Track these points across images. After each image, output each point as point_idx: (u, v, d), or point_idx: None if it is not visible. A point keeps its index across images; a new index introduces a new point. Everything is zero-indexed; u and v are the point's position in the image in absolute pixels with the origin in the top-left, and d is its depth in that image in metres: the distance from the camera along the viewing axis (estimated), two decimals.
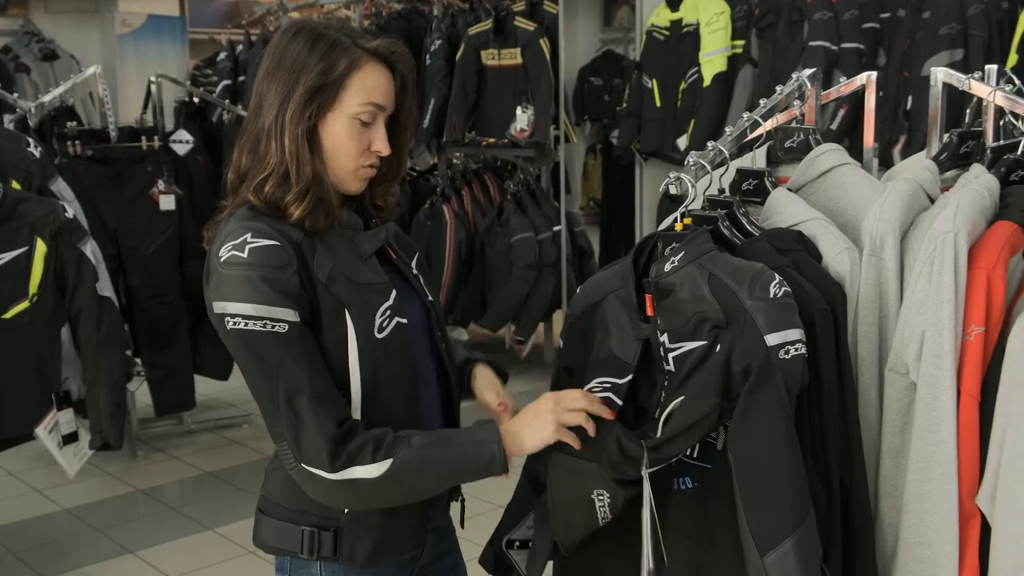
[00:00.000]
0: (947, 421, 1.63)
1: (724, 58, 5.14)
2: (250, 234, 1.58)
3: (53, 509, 4.41)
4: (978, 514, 1.64)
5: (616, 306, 1.81)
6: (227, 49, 8.01)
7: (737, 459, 1.58)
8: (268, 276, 1.57)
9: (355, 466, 1.55)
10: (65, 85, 4.91)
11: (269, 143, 1.63)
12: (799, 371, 1.57)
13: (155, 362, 4.74)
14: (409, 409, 1.72)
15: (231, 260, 1.57)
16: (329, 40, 1.63)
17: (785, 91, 2.06)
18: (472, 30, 6.02)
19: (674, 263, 1.69)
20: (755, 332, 1.57)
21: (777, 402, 1.55)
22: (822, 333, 1.63)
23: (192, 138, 4.85)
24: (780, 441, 1.55)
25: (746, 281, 1.61)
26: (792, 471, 1.56)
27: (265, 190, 1.63)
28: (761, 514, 1.56)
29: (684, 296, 1.67)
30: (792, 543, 1.53)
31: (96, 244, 3.40)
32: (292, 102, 1.61)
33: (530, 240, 5.80)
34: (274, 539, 1.74)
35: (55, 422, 3.29)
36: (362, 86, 1.64)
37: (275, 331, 1.56)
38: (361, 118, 1.64)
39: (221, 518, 4.23)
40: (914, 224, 1.77)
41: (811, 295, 1.65)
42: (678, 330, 1.68)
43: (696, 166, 1.92)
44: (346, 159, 1.66)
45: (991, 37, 4.33)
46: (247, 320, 1.56)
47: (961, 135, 1.95)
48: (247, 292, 1.56)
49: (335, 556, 1.70)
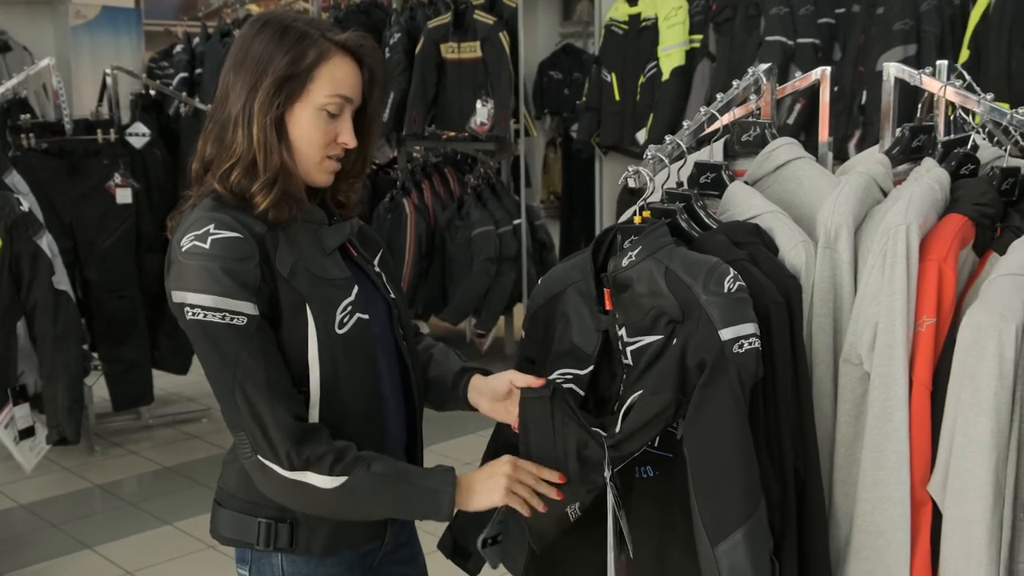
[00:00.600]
0: (900, 410, 1.67)
1: (682, 52, 5.18)
2: (213, 225, 1.58)
3: (9, 505, 4.35)
4: (930, 501, 1.68)
5: (576, 298, 1.83)
6: (184, 41, 7.94)
7: (691, 451, 1.62)
8: (229, 268, 1.57)
9: (310, 471, 1.57)
10: (18, 77, 4.83)
11: (236, 132, 1.63)
12: (753, 365, 1.60)
13: (113, 356, 4.70)
14: (369, 406, 1.72)
15: (193, 250, 1.57)
16: (298, 32, 1.63)
17: (741, 86, 2.09)
18: (431, 23, 6.01)
19: (631, 258, 1.71)
20: (709, 326, 1.60)
21: (730, 396, 1.58)
22: (777, 325, 1.66)
23: (149, 131, 4.81)
24: (732, 434, 1.59)
25: (701, 276, 1.64)
26: (743, 464, 1.59)
27: (231, 178, 1.63)
28: (713, 505, 1.60)
29: (641, 291, 1.69)
30: (742, 534, 1.57)
31: (52, 238, 3.36)
32: (260, 91, 1.61)
33: (491, 233, 5.81)
34: (231, 531, 1.75)
35: (11, 417, 3.26)
36: (330, 78, 1.64)
37: (233, 323, 1.57)
38: (328, 109, 1.65)
39: (180, 513, 4.20)
40: (867, 217, 1.81)
41: (766, 288, 1.68)
42: (636, 324, 1.71)
43: (654, 160, 1.94)
44: (312, 150, 1.66)
45: (943, 33, 4.39)
46: (206, 311, 1.56)
47: (913, 129, 1.98)
48: (207, 283, 1.56)
49: (291, 548, 1.70)
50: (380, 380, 1.75)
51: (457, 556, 1.99)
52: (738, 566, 1.57)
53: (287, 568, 1.73)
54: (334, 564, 1.75)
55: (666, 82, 5.19)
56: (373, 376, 1.73)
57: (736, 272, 1.64)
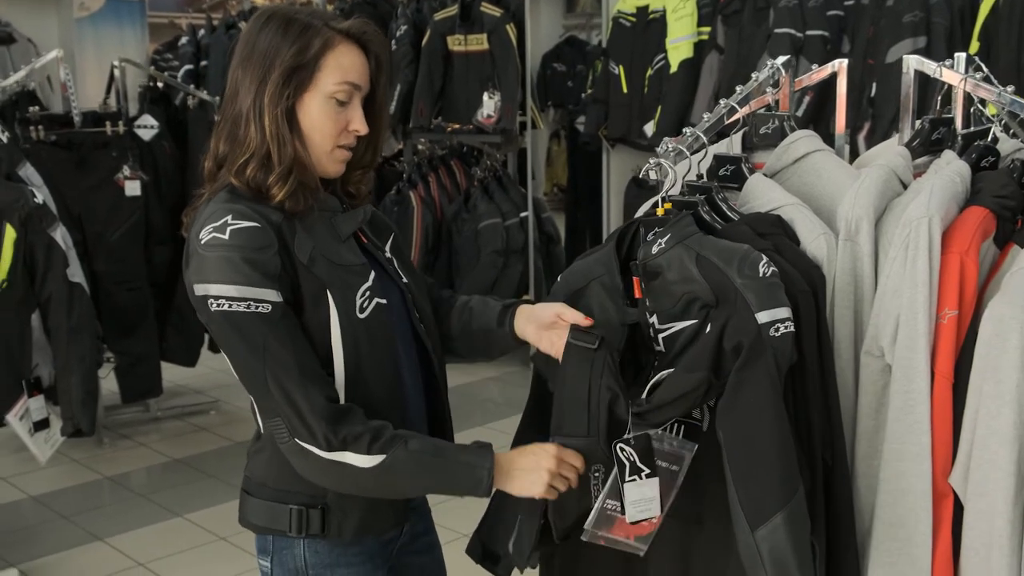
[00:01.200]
0: (921, 403, 1.67)
1: (690, 45, 5.18)
2: (231, 216, 1.60)
3: (19, 496, 4.37)
4: (951, 493, 1.68)
5: (600, 292, 1.83)
6: (188, 34, 7.94)
7: (727, 435, 1.61)
8: (250, 257, 1.58)
9: (348, 451, 1.58)
10: (26, 69, 4.84)
11: (248, 127, 1.65)
12: (788, 348, 1.60)
13: (121, 349, 4.70)
14: (391, 390, 1.73)
15: (212, 242, 1.58)
16: (301, 23, 1.65)
17: (760, 78, 2.09)
18: (438, 15, 6.01)
19: (661, 245, 1.71)
20: (746, 310, 1.60)
21: (767, 379, 1.58)
22: (805, 314, 1.66)
23: (157, 123, 4.80)
24: (770, 417, 1.58)
25: (735, 261, 1.64)
26: (782, 446, 1.58)
27: (247, 172, 1.65)
28: (751, 489, 1.59)
29: (672, 277, 1.69)
30: (782, 517, 1.56)
31: (66, 230, 3.37)
32: (269, 84, 1.63)
33: (497, 226, 5.81)
34: (261, 519, 1.75)
35: (26, 409, 3.27)
36: (337, 65, 1.65)
37: (259, 312, 1.58)
38: (337, 97, 1.66)
39: (190, 505, 4.22)
40: (888, 209, 1.81)
41: (793, 277, 1.68)
42: (667, 311, 1.71)
43: (675, 151, 1.94)
44: (324, 139, 1.68)
45: (953, 25, 4.40)
46: (231, 301, 1.57)
47: (932, 122, 1.98)
48: (229, 274, 1.57)
49: (323, 533, 1.71)
50: (400, 365, 1.76)
51: (487, 560, 1.95)
52: (779, 550, 1.56)
53: (309, 558, 1.74)
54: (356, 554, 1.76)
55: (674, 74, 5.19)
56: (394, 361, 1.74)
57: (767, 259, 1.64)
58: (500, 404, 5.29)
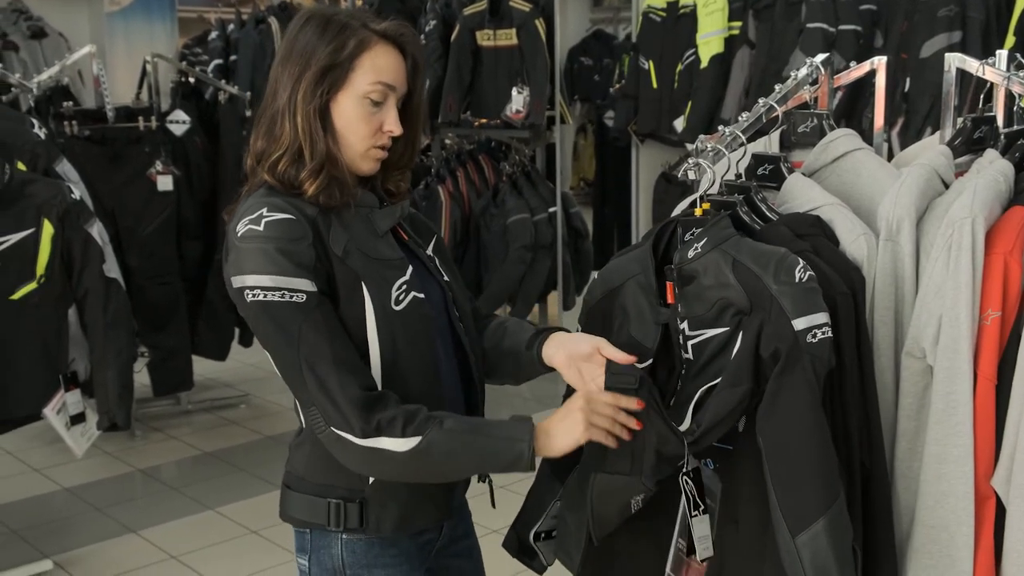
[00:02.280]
0: (964, 404, 1.66)
1: (721, 40, 5.14)
2: (265, 208, 1.63)
3: (52, 488, 4.41)
4: (993, 496, 1.67)
5: (636, 291, 1.83)
6: (218, 28, 7.96)
7: (767, 441, 1.61)
8: (284, 248, 1.60)
9: (383, 436, 1.58)
10: (59, 64, 4.87)
11: (283, 123, 1.67)
12: (826, 354, 1.59)
13: (153, 343, 4.74)
14: (428, 385, 1.74)
15: (248, 234, 1.61)
16: (339, 23, 1.67)
17: (799, 76, 2.07)
18: (467, 10, 6.00)
19: (697, 249, 1.71)
20: (782, 316, 1.59)
21: (806, 385, 1.58)
22: (844, 317, 1.66)
23: (189, 119, 4.83)
24: (810, 423, 1.58)
25: (771, 266, 1.63)
26: (822, 452, 1.58)
27: (279, 168, 1.67)
28: (792, 495, 1.58)
29: (708, 282, 1.69)
30: (824, 523, 1.56)
31: (102, 226, 3.39)
32: (304, 82, 1.65)
33: (526, 221, 5.80)
34: (302, 512, 1.76)
35: (63, 403, 3.29)
36: (372, 66, 1.67)
37: (293, 301, 1.59)
38: (372, 97, 1.67)
39: (221, 498, 4.25)
40: (929, 209, 1.80)
41: (832, 279, 1.67)
42: (699, 317, 1.71)
43: (713, 151, 1.94)
44: (357, 139, 1.69)
45: (989, 19, 4.34)
46: (266, 291, 1.59)
47: (975, 120, 1.97)
48: (264, 264, 1.59)
49: (361, 527, 1.72)
50: (438, 360, 1.77)
51: (523, 555, 1.97)
52: (820, 556, 1.56)
53: (347, 558, 1.75)
54: (393, 555, 1.76)
55: (704, 69, 5.16)
56: (431, 355, 1.75)
57: (805, 263, 1.63)
58: (528, 399, 5.29)
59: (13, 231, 3.18)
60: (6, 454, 4.70)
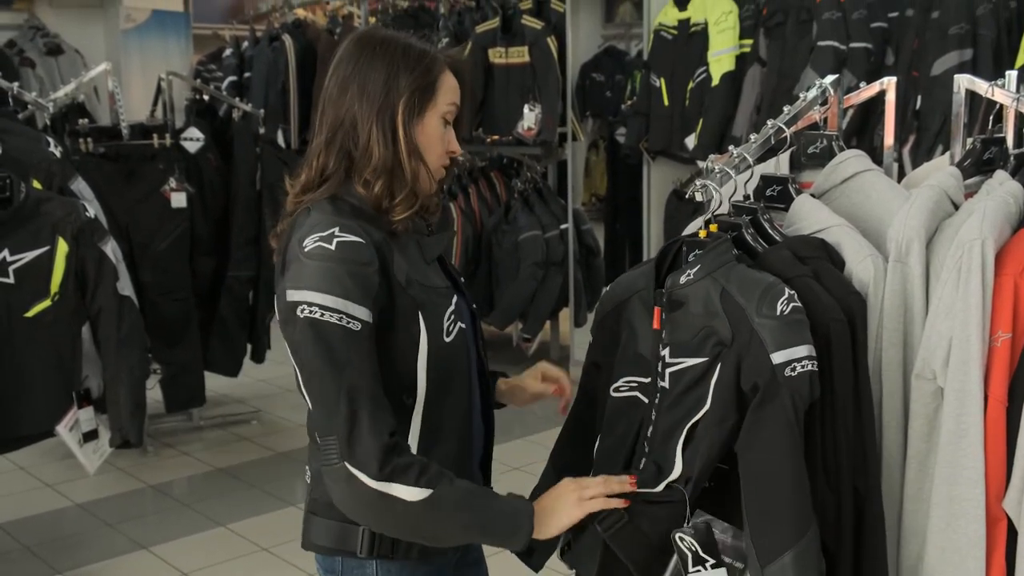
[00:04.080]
0: (975, 426, 1.66)
1: (732, 57, 5.16)
2: (338, 228, 1.61)
3: (64, 504, 4.42)
4: (1005, 518, 1.67)
5: (639, 306, 1.86)
6: (232, 45, 8.01)
7: (743, 473, 1.64)
8: (353, 271, 1.58)
9: (397, 483, 1.55)
10: (75, 82, 4.91)
11: (375, 147, 1.67)
12: (806, 388, 1.61)
13: (166, 358, 4.75)
14: (463, 415, 1.75)
15: (317, 251, 1.59)
16: (419, 50, 1.71)
17: (809, 97, 2.08)
18: (479, 28, 6.04)
19: (690, 276, 1.73)
20: (760, 350, 1.62)
21: (783, 420, 1.60)
22: (837, 344, 1.67)
23: (203, 136, 4.85)
24: (783, 459, 1.61)
25: (755, 298, 1.65)
26: (794, 489, 1.61)
27: (375, 190, 1.67)
28: (763, 528, 1.62)
29: (696, 310, 1.71)
30: (791, 557, 1.59)
31: (116, 244, 3.42)
32: (401, 104, 1.67)
33: (538, 238, 5.82)
34: (331, 540, 1.73)
35: (75, 420, 3.31)
36: (449, 87, 1.72)
37: (348, 327, 1.57)
38: (447, 117, 1.72)
39: (233, 515, 4.25)
40: (939, 230, 1.80)
41: (828, 305, 1.68)
42: (682, 344, 1.73)
43: (721, 173, 1.94)
44: (434, 157, 1.72)
45: (1000, 37, 4.35)
46: (324, 311, 1.56)
47: (984, 141, 1.97)
48: (329, 284, 1.57)
49: (392, 555, 1.71)
50: (472, 391, 1.78)
51: (521, 553, 2.00)
52: None
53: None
54: (425, 573, 1.77)
55: (716, 87, 5.17)
56: (469, 387, 1.76)
57: (792, 293, 1.65)
58: (539, 417, 5.26)
59: (28, 249, 3.20)
60: (19, 470, 4.72)
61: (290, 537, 1.82)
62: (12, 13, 8.63)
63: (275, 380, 5.79)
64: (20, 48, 8.35)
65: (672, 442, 1.72)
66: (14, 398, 3.28)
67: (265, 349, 5.17)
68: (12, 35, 8.41)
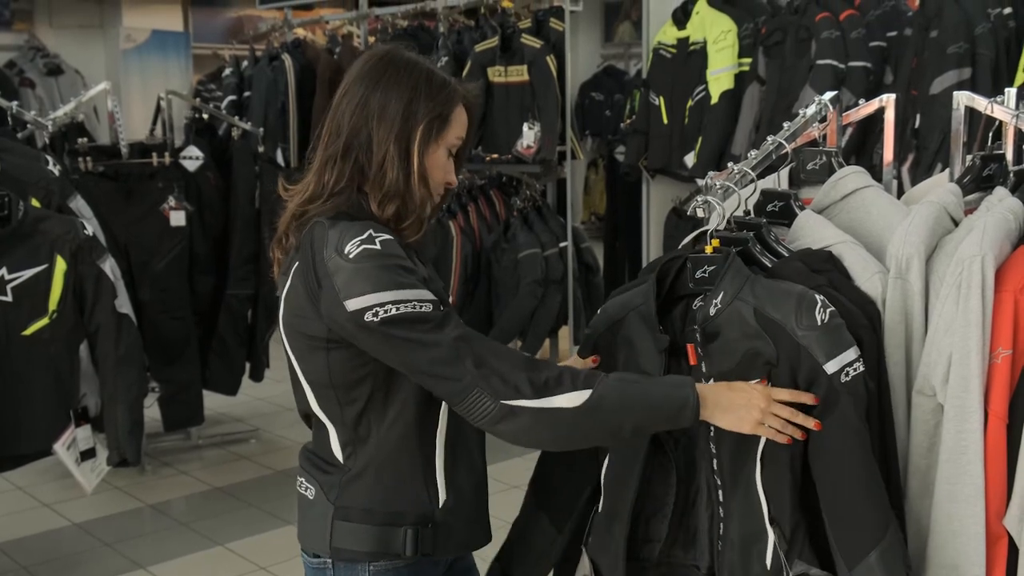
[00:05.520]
0: (975, 443, 1.65)
1: (731, 76, 5.17)
2: (372, 230, 1.64)
3: (62, 524, 4.40)
4: (1005, 535, 1.66)
5: (638, 322, 1.86)
6: (232, 65, 8.03)
7: (819, 482, 1.65)
8: (405, 264, 1.63)
9: (556, 395, 1.58)
10: (75, 101, 4.92)
11: (388, 169, 1.70)
12: (862, 388, 1.64)
13: (164, 377, 4.74)
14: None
15: (364, 254, 1.61)
16: (440, 77, 1.75)
17: (808, 114, 2.08)
18: (478, 47, 6.04)
19: (717, 305, 1.73)
20: (812, 362, 1.63)
21: (847, 425, 1.62)
22: (867, 349, 1.68)
23: (202, 154, 4.86)
24: (853, 462, 1.62)
25: (791, 311, 1.65)
26: (868, 489, 1.62)
27: (387, 211, 1.71)
28: (844, 532, 1.63)
29: (733, 335, 1.71)
30: (876, 556, 1.60)
31: (114, 261, 3.41)
32: (418, 131, 1.71)
33: (537, 256, 5.81)
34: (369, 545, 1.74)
35: (73, 438, 3.30)
36: (460, 121, 1.78)
37: (422, 311, 1.60)
38: (452, 149, 1.77)
39: (231, 534, 4.23)
40: (939, 247, 1.80)
41: (853, 313, 1.69)
42: (728, 372, 1.72)
43: (722, 188, 1.94)
44: (435, 185, 1.77)
45: (998, 56, 4.35)
46: (396, 305, 1.59)
47: (984, 158, 1.97)
48: (389, 280, 1.60)
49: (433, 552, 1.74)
50: None
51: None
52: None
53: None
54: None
55: (715, 105, 5.18)
56: None
57: (823, 298, 1.65)
58: None
59: (27, 267, 3.20)
60: (17, 490, 4.70)
61: (288, 556, 1.81)
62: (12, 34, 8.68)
63: (274, 399, 5.78)
64: (20, 68, 8.38)
65: (747, 469, 1.72)
66: (12, 416, 3.27)
67: (263, 368, 5.16)
68: (12, 56, 8.44)
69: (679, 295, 1.85)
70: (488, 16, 6.18)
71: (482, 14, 6.24)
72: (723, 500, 1.76)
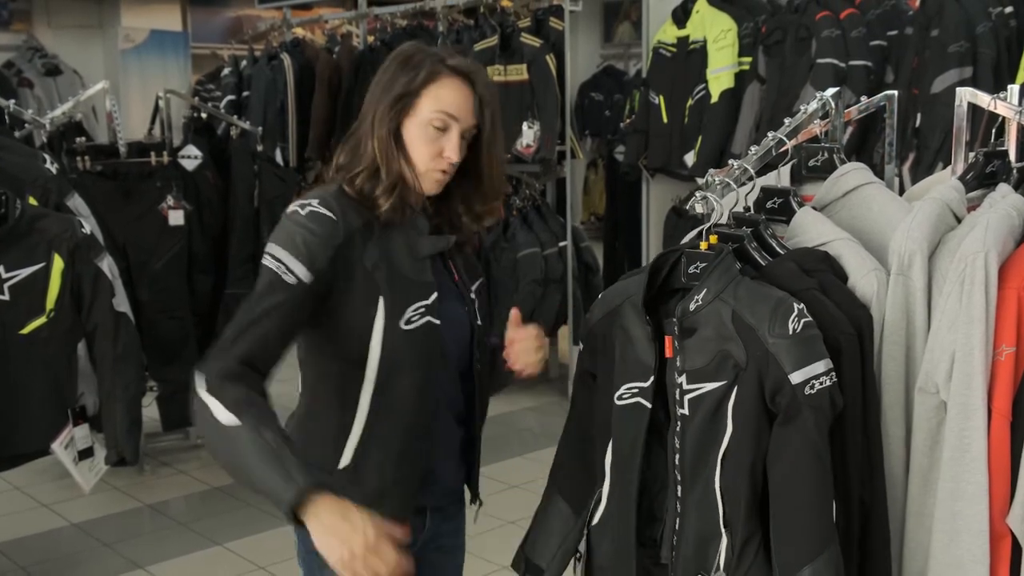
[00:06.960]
0: (978, 441, 1.64)
1: (731, 75, 5.16)
2: (317, 200, 1.80)
3: (60, 524, 4.39)
4: (1009, 534, 1.65)
5: (630, 311, 1.86)
6: (231, 65, 8.02)
7: (771, 487, 1.65)
8: (307, 239, 1.75)
9: (217, 400, 1.64)
10: (73, 101, 4.90)
11: (366, 144, 1.85)
12: (827, 404, 1.62)
13: (162, 377, 4.72)
14: (421, 406, 1.83)
15: (292, 214, 1.79)
16: (418, 59, 1.85)
17: (810, 110, 2.07)
18: (478, 46, 6.03)
19: (698, 301, 1.73)
20: (779, 371, 1.63)
21: (804, 439, 1.61)
22: (848, 358, 1.67)
23: (201, 153, 4.84)
24: (804, 476, 1.62)
25: (765, 317, 1.65)
26: (812, 506, 1.62)
27: (357, 182, 1.84)
28: (783, 543, 1.64)
29: (708, 334, 1.71)
30: (808, 572, 1.60)
31: (112, 260, 3.40)
32: (381, 107, 1.84)
33: (536, 255, 5.80)
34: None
35: (71, 437, 3.28)
36: (436, 96, 1.83)
37: (284, 278, 1.73)
38: (434, 124, 1.83)
39: (230, 533, 4.21)
40: (941, 243, 1.79)
41: (837, 319, 1.68)
42: (699, 370, 1.72)
43: (721, 184, 1.93)
44: (420, 159, 1.84)
45: (1000, 55, 4.35)
46: (275, 260, 1.75)
47: (987, 155, 1.96)
48: (286, 240, 1.76)
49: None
50: (441, 387, 1.87)
51: (529, 573, 2.03)
52: None
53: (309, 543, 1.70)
54: None
55: (715, 104, 5.17)
56: (431, 380, 1.84)
57: (801, 307, 1.64)
58: (538, 434, 5.26)
59: (24, 266, 3.19)
60: (14, 490, 4.69)
61: (287, 556, 1.81)
62: (11, 34, 8.66)
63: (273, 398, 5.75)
64: (19, 69, 8.36)
65: (706, 470, 1.72)
66: (9, 416, 3.25)
67: None
68: (11, 56, 8.42)
69: (674, 288, 1.85)
70: (487, 15, 6.17)
71: (481, 13, 6.23)
72: (681, 496, 1.76)
